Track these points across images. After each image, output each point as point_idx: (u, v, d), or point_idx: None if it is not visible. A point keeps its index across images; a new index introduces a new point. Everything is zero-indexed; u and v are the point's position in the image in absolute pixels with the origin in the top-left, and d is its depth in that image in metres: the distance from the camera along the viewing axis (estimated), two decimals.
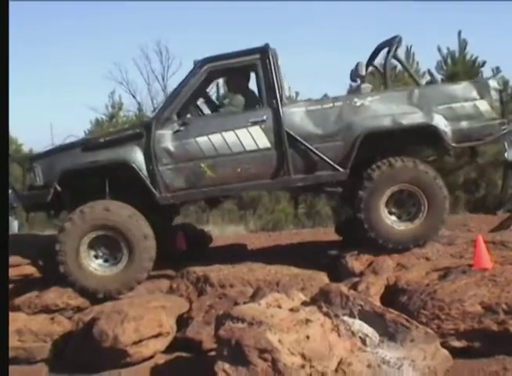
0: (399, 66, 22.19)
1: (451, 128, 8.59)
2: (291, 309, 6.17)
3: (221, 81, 10.29)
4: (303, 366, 5.54)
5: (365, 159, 8.67)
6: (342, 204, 10.28)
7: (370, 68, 10.31)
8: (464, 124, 8.63)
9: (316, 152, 8.51)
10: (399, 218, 8.69)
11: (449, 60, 20.50)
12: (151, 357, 7.06)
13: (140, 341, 6.85)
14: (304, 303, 6.41)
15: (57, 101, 60.21)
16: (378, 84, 9.77)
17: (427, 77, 20.72)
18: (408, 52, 21.06)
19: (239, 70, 9.17)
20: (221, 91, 11.19)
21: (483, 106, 8.66)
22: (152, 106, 14.77)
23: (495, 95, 8.74)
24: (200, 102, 9.49)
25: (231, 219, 20.34)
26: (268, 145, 8.59)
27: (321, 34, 61.71)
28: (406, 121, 8.58)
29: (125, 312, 6.95)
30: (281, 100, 8.60)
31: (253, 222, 19.85)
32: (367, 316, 6.02)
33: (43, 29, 66.10)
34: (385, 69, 9.39)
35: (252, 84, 9.39)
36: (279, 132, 8.55)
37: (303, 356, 5.61)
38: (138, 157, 8.66)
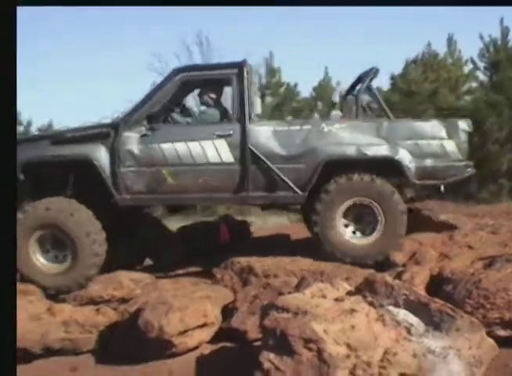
0: (441, 55, 22.10)
1: (415, 164, 8.65)
2: (336, 299, 6.20)
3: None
4: (348, 356, 5.54)
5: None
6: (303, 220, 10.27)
7: (350, 96, 10.32)
8: (429, 162, 8.70)
9: (277, 172, 8.64)
10: (356, 232, 8.78)
11: (492, 48, 20.34)
12: (196, 347, 7.12)
13: (185, 331, 6.92)
14: (349, 293, 6.41)
15: (100, 90, 60.61)
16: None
17: (470, 65, 20.57)
18: (450, 39, 20.90)
19: (214, 83, 9.30)
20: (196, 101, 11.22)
21: (450, 146, 8.73)
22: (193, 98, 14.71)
23: (463, 136, 8.77)
24: (175, 111, 9.48)
25: (273, 210, 20.32)
26: (232, 160, 8.71)
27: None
28: (370, 152, 8.67)
29: (170, 302, 7.03)
30: (250, 117, 8.71)
31: (295, 213, 19.84)
32: (412, 306, 6.00)
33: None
34: (357, 99, 9.35)
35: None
36: (243, 148, 8.66)
37: (348, 346, 5.62)
38: (102, 156, 8.80)
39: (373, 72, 9.36)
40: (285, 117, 22.56)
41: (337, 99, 9.35)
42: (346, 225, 8.74)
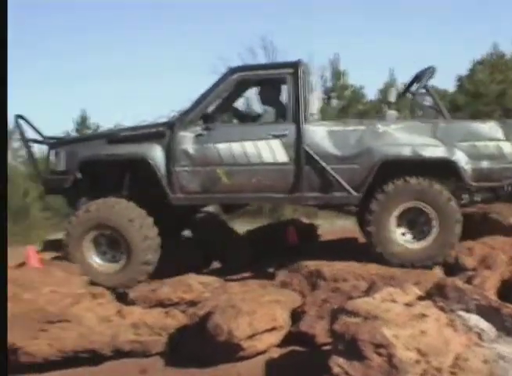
0: (508, 55, 21.84)
1: (471, 166, 8.55)
2: (406, 304, 6.18)
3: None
4: (418, 362, 5.52)
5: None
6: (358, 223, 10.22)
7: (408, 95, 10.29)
8: (485, 163, 8.57)
9: (332, 173, 8.63)
10: (409, 236, 8.73)
11: None
12: (265, 351, 7.15)
13: (254, 335, 6.97)
14: (419, 298, 6.37)
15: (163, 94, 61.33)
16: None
17: None
18: None
19: (270, 82, 9.34)
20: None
21: (507, 147, 8.59)
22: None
23: None
24: (231, 110, 9.74)
25: (340, 213, 20.28)
26: (286, 160, 8.74)
27: None
28: (426, 153, 8.61)
29: (239, 306, 7.09)
30: (305, 117, 8.70)
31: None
32: (483, 311, 5.96)
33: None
34: (414, 99, 9.47)
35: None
36: (298, 149, 8.67)
37: (418, 351, 5.59)
38: (157, 155, 8.93)
39: (429, 71, 9.30)
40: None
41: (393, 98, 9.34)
42: (399, 228, 8.72)
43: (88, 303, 7.63)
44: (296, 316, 7.66)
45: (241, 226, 12.69)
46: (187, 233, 11.09)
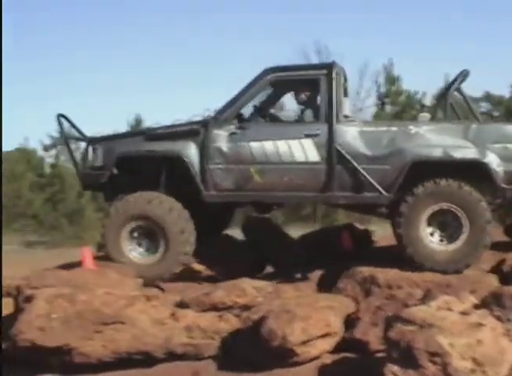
0: None
1: (503, 168, 8.48)
2: (462, 312, 6.13)
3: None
4: (474, 371, 5.52)
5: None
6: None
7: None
8: None
9: (363, 173, 8.68)
10: (440, 238, 8.67)
11: None
12: (318, 357, 7.15)
13: (308, 340, 6.97)
14: (475, 306, 6.31)
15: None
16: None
17: None
18: None
19: (303, 83, 9.40)
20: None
21: None
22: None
23: None
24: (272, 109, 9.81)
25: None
26: (318, 159, 8.83)
27: None
28: (458, 154, 8.59)
29: (294, 311, 7.09)
30: (337, 118, 8.77)
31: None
32: None
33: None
34: (445, 101, 9.42)
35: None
36: (329, 148, 8.74)
37: (474, 361, 5.58)
38: (191, 152, 9.11)
39: (463, 74, 9.37)
40: None
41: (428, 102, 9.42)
42: (429, 231, 8.68)
43: (142, 305, 7.68)
44: (349, 322, 7.65)
45: (293, 231, 12.66)
46: (240, 236, 11.11)
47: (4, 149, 40.62)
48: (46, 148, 38.51)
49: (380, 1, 57.20)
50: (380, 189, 8.69)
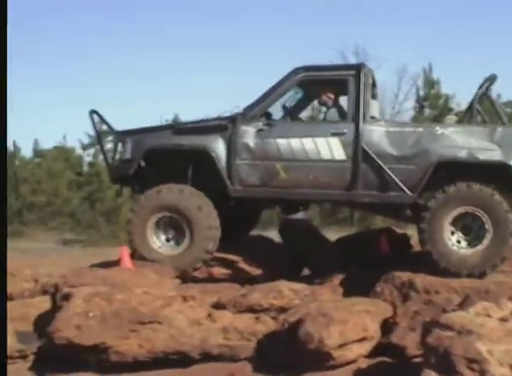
0: None
1: None
2: (501, 319, 6.09)
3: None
4: None
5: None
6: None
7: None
8: None
9: (388, 172, 8.74)
10: (463, 242, 8.68)
11: None
12: (354, 361, 7.14)
13: (345, 344, 6.98)
14: None
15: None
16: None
17: None
18: None
19: (332, 83, 9.50)
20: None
21: None
22: None
23: None
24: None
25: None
26: (344, 157, 8.90)
27: None
28: (483, 156, 8.60)
29: (331, 315, 7.09)
30: (364, 117, 8.84)
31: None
32: None
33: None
34: (472, 104, 9.44)
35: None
36: (356, 147, 8.80)
37: None
38: (219, 147, 9.23)
39: (490, 78, 9.47)
40: None
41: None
42: (453, 234, 8.68)
43: (179, 305, 7.72)
44: (386, 326, 7.62)
45: (329, 234, 12.64)
46: (277, 237, 11.13)
47: (42, 147, 41.15)
48: (84, 147, 38.80)
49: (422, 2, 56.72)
50: (405, 188, 8.75)
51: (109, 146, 11.11)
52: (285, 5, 60.53)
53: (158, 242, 9.29)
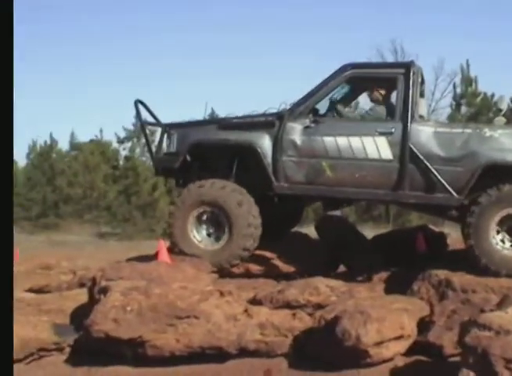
0: None
1: None
2: None
3: None
4: None
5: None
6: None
7: None
8: None
9: (435, 173, 8.63)
10: (507, 242, 8.59)
11: None
12: (390, 359, 7.13)
13: (381, 342, 6.97)
14: None
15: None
16: None
17: None
18: None
19: (380, 81, 9.42)
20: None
21: None
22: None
23: None
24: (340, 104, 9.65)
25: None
26: (391, 157, 8.81)
27: None
28: None
29: (368, 312, 7.09)
30: (412, 117, 8.74)
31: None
32: None
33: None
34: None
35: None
36: (403, 147, 8.70)
37: None
38: (265, 143, 9.16)
39: None
40: None
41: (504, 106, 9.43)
42: (498, 233, 8.60)
43: (216, 300, 7.74)
44: (423, 325, 7.61)
45: (364, 231, 12.63)
46: (313, 234, 11.13)
47: (79, 140, 41.46)
48: (121, 140, 39.08)
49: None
50: (452, 190, 8.65)
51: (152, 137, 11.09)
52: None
53: (198, 236, 9.29)
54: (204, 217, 9.30)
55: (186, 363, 7.50)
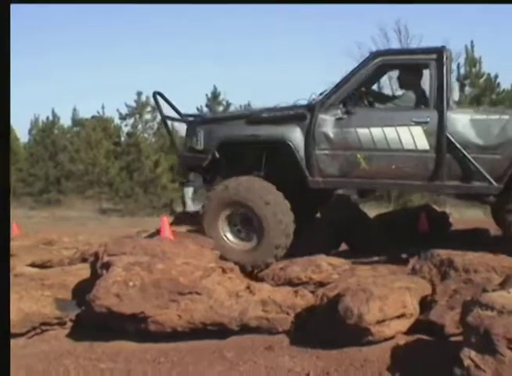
0: None
1: None
2: None
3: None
4: None
5: None
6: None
7: None
8: None
9: (473, 162, 8.46)
10: None
11: None
12: (392, 337, 7.11)
13: (383, 320, 6.97)
14: None
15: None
16: None
17: None
18: None
19: (412, 68, 9.19)
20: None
21: None
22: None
23: None
24: (372, 94, 9.54)
25: (470, 203, 19.98)
26: (427, 147, 8.60)
27: None
28: None
29: (371, 290, 7.09)
30: (448, 104, 8.54)
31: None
32: None
33: None
34: None
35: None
36: (440, 136, 8.52)
37: None
38: (297, 137, 8.92)
39: None
40: None
41: None
42: None
43: (219, 277, 7.76)
44: (425, 304, 7.60)
45: (366, 210, 12.62)
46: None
47: (81, 116, 41.47)
48: (123, 117, 39.03)
49: None
50: (491, 179, 8.51)
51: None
52: None
53: (231, 237, 9.09)
54: (235, 217, 9.06)
55: (188, 338, 7.54)
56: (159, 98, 9.75)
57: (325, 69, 55.93)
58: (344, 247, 11.02)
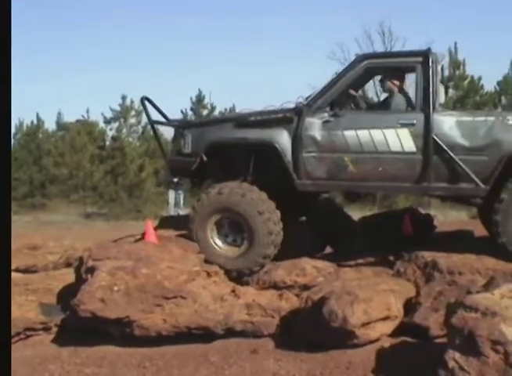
0: None
1: None
2: None
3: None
4: None
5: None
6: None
7: None
8: None
9: (460, 164, 8.46)
10: None
11: None
12: (377, 340, 7.14)
13: (368, 323, 7.00)
14: None
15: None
16: None
17: None
18: None
19: (398, 71, 9.23)
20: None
21: None
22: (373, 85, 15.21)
23: None
24: (359, 97, 9.46)
25: (453, 204, 20.06)
26: (414, 149, 8.60)
27: None
28: None
29: (355, 293, 7.11)
30: (434, 106, 8.55)
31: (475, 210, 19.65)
32: None
33: None
34: None
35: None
36: (426, 138, 8.53)
37: None
38: (284, 140, 8.90)
39: None
40: None
41: None
42: None
43: (203, 281, 7.77)
44: (409, 306, 7.63)
45: (351, 212, 12.63)
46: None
47: (65, 120, 41.32)
48: (107, 121, 38.90)
49: None
50: (477, 180, 8.49)
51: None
52: None
53: (219, 242, 9.01)
54: (224, 223, 9.00)
55: (173, 343, 7.55)
56: (146, 103, 9.70)
57: (308, 70, 56.01)
58: (328, 250, 11.02)
